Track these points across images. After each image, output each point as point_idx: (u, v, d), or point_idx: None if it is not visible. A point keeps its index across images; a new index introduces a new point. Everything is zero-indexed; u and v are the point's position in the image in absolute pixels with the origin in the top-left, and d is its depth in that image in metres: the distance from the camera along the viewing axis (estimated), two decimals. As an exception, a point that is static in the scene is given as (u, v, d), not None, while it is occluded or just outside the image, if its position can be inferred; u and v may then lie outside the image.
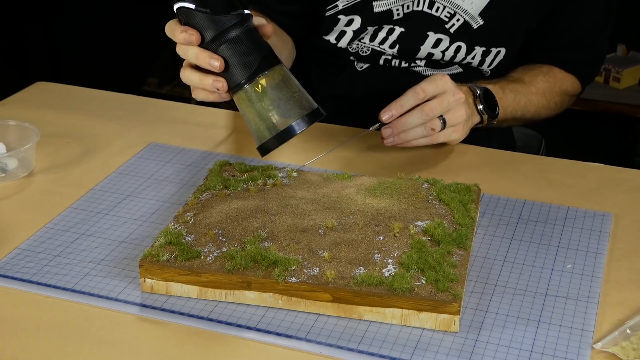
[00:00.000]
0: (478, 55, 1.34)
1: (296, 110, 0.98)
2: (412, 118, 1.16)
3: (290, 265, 0.92)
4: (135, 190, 1.16)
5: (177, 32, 0.99)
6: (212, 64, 0.97)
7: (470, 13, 1.30)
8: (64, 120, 1.37)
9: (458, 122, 1.18)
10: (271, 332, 0.89)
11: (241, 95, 0.99)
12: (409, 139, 1.17)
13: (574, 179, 1.20)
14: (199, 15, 0.97)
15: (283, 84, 0.99)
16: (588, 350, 0.87)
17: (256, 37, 0.99)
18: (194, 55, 0.99)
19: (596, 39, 1.40)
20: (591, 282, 0.98)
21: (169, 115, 1.40)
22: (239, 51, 0.97)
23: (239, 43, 0.97)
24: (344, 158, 1.25)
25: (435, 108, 1.15)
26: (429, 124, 1.16)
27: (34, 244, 1.04)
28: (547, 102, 1.37)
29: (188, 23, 0.99)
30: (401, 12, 1.31)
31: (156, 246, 0.96)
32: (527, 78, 1.35)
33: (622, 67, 2.68)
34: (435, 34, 1.32)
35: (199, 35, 0.98)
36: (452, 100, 1.16)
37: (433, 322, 0.89)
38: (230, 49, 0.97)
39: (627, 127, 2.79)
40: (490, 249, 1.03)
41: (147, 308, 0.93)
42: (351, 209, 1.02)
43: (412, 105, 1.16)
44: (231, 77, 0.98)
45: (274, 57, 0.99)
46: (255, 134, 1.00)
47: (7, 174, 1.19)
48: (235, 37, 0.97)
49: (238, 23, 0.97)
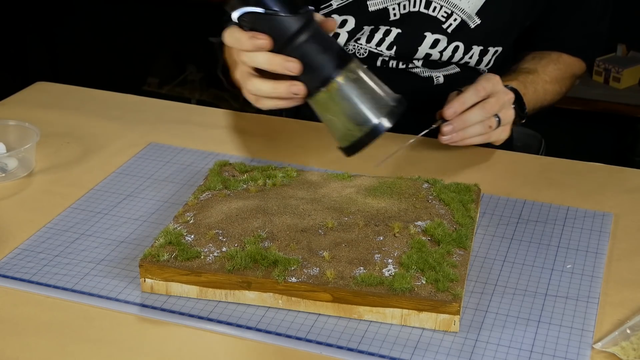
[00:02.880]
0: (476, 55, 1.34)
1: (382, 102, 0.94)
2: (473, 115, 1.16)
3: (290, 265, 0.92)
4: (135, 190, 1.16)
5: (245, 38, 0.94)
6: (289, 68, 0.93)
7: (468, 12, 1.30)
8: (64, 120, 1.37)
9: (508, 122, 1.20)
10: (271, 332, 0.89)
11: (321, 97, 0.94)
12: (467, 136, 1.18)
13: (574, 179, 1.20)
14: (268, 18, 0.92)
15: (362, 78, 0.95)
16: (588, 350, 0.87)
17: (325, 34, 0.95)
18: (266, 61, 0.94)
19: (597, 26, 1.43)
20: (591, 282, 0.98)
21: (169, 115, 1.40)
22: (313, 51, 0.93)
23: (312, 43, 0.93)
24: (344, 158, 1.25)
25: (494, 106, 1.17)
26: (487, 121, 1.17)
27: (34, 244, 1.04)
28: (560, 89, 1.40)
29: (255, 28, 0.94)
30: (397, 12, 1.31)
31: (156, 246, 0.96)
32: (540, 68, 1.36)
33: (622, 67, 2.68)
34: (433, 34, 1.32)
35: (270, 40, 0.93)
36: (506, 99, 1.19)
37: (433, 322, 0.89)
38: (303, 50, 0.93)
39: (627, 127, 2.78)
40: (490, 249, 1.03)
41: (147, 308, 0.93)
42: (351, 209, 1.02)
43: (473, 103, 1.17)
44: (309, 79, 0.94)
45: (345, 52, 0.95)
46: (341, 135, 0.96)
47: (7, 174, 1.19)
48: (308, 38, 0.93)
49: (308, 22, 0.93)
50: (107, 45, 3.36)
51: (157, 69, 3.30)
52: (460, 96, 1.17)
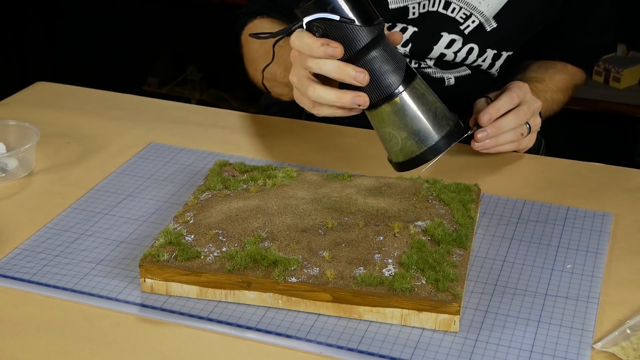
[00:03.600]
0: (489, 58, 1.35)
1: (443, 122, 0.94)
2: (507, 121, 1.18)
3: (290, 265, 0.92)
4: (135, 190, 1.16)
5: (316, 45, 0.92)
6: (358, 79, 0.92)
7: (486, 15, 1.30)
8: (64, 120, 1.37)
9: (536, 129, 1.22)
10: (271, 332, 0.89)
11: (384, 110, 0.94)
12: (500, 142, 1.19)
13: (574, 179, 1.20)
14: (343, 27, 0.90)
15: (425, 95, 0.94)
16: (588, 350, 0.87)
17: (394, 48, 0.94)
18: (335, 70, 0.93)
19: (603, 37, 1.45)
20: (591, 282, 0.98)
21: (169, 115, 1.40)
22: (383, 64, 0.92)
23: (382, 55, 0.92)
24: (344, 158, 1.25)
25: (527, 113, 1.19)
26: (519, 129, 1.19)
27: (34, 244, 1.04)
28: (565, 98, 1.42)
29: (327, 35, 0.92)
30: (417, 11, 1.31)
31: (156, 246, 0.96)
32: (547, 77, 1.38)
33: (622, 67, 2.68)
34: (450, 34, 1.32)
35: (342, 49, 0.91)
36: (535, 107, 1.21)
37: (433, 322, 0.89)
38: (374, 62, 0.92)
39: (627, 127, 2.78)
40: (490, 249, 1.03)
41: (147, 308, 0.93)
42: (351, 209, 1.02)
43: (507, 109, 1.18)
44: (374, 91, 0.93)
45: (410, 67, 0.95)
46: (397, 150, 0.95)
47: (7, 174, 1.19)
48: (379, 50, 0.92)
49: (381, 34, 0.92)
50: (107, 45, 3.36)
51: (157, 69, 3.30)
52: (495, 103, 1.18)
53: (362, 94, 0.93)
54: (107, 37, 3.36)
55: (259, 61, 1.29)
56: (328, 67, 0.93)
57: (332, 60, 0.93)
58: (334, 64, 0.93)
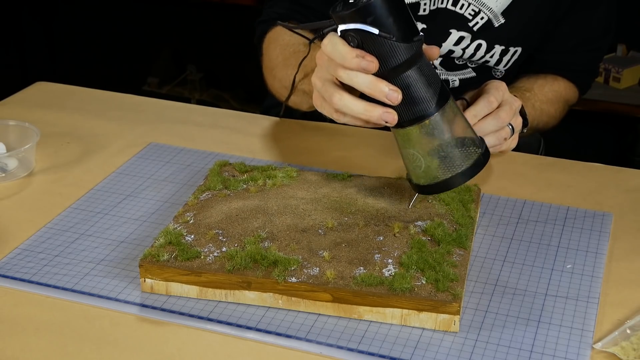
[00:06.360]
0: (497, 55, 1.35)
1: (471, 149, 0.91)
2: (486, 125, 1.10)
3: (290, 265, 0.92)
4: (135, 190, 1.16)
5: (350, 56, 0.87)
6: (390, 98, 0.87)
7: (495, 11, 1.30)
8: (64, 120, 1.37)
9: (518, 130, 1.15)
10: (271, 332, 0.89)
11: (412, 131, 0.90)
12: None
13: (574, 179, 1.20)
14: (380, 41, 0.86)
15: (456, 118, 0.91)
16: (588, 350, 0.87)
17: (431, 67, 0.90)
18: (367, 85, 0.88)
19: (601, 42, 1.42)
20: (591, 282, 0.98)
21: (169, 115, 1.40)
22: (418, 84, 0.88)
23: (418, 75, 0.88)
24: (344, 158, 1.25)
25: (509, 114, 1.11)
26: (501, 132, 1.12)
27: (34, 244, 1.04)
28: (555, 111, 1.38)
29: (362, 47, 0.87)
30: (427, 8, 1.30)
31: (156, 246, 0.96)
32: (536, 87, 1.35)
33: (622, 67, 2.68)
34: (458, 31, 1.32)
35: (378, 63, 0.87)
36: (516, 107, 1.14)
37: (433, 322, 0.89)
38: (409, 81, 0.88)
39: (627, 127, 2.79)
40: (490, 249, 1.03)
41: (147, 308, 0.93)
42: (351, 209, 1.02)
43: (484, 115, 1.11)
44: (405, 110, 0.89)
45: (445, 87, 0.90)
46: (420, 172, 0.92)
47: (7, 174, 1.19)
48: (415, 69, 0.88)
49: (418, 52, 0.87)
50: (107, 45, 3.37)
51: (157, 69, 3.30)
52: (471, 109, 1.11)
53: (391, 111, 0.89)
54: (107, 37, 3.36)
55: (277, 69, 1.27)
56: (360, 80, 0.89)
57: (365, 74, 0.88)
58: (367, 79, 0.88)
